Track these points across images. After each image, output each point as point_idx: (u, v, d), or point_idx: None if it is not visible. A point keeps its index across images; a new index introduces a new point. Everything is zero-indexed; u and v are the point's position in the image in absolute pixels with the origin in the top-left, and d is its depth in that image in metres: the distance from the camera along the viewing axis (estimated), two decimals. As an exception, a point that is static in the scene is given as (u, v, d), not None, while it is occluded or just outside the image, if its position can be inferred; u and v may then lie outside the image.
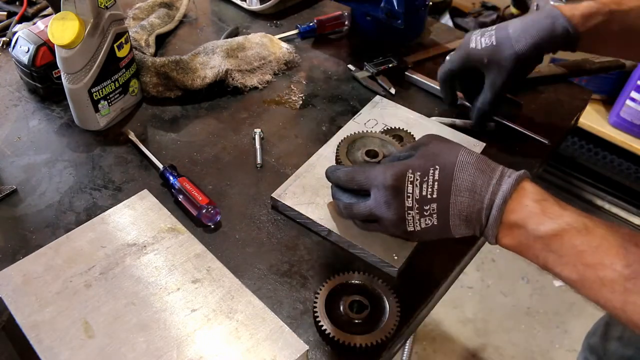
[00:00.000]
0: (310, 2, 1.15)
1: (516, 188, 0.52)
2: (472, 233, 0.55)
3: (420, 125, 0.80)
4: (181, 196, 0.69)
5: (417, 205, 0.54)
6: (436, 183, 0.53)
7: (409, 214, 0.54)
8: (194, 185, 0.70)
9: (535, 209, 0.51)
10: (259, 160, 0.77)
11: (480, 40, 0.73)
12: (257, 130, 0.81)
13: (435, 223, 0.54)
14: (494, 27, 0.74)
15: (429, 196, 0.54)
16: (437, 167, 0.54)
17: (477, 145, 0.78)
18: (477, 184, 0.53)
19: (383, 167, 0.57)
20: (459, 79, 0.80)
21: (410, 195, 0.54)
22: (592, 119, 1.73)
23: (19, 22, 1.02)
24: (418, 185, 0.54)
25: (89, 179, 0.74)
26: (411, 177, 0.54)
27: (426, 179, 0.54)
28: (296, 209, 0.68)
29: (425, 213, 0.54)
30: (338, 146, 0.69)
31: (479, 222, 0.53)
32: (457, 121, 0.83)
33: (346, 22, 1.06)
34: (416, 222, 0.55)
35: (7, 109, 0.85)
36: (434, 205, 0.53)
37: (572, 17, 0.68)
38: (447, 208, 0.53)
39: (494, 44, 0.72)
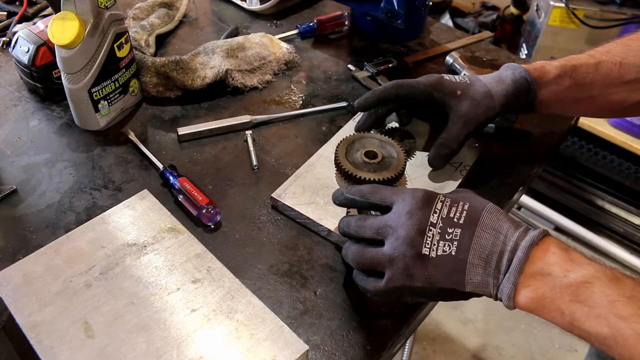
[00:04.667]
0: (310, 2, 1.15)
1: (541, 238, 0.50)
2: (484, 289, 0.50)
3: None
4: (181, 196, 0.69)
5: (441, 224, 0.51)
6: (465, 212, 0.52)
7: (431, 230, 0.51)
8: (194, 185, 0.70)
9: (562, 256, 0.48)
10: (254, 162, 0.77)
11: (453, 76, 0.72)
12: (249, 132, 0.81)
13: (453, 253, 0.50)
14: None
15: (455, 219, 0.51)
16: (467, 203, 0.52)
17: (476, 145, 0.77)
18: (503, 227, 0.50)
19: (412, 188, 0.55)
20: (399, 103, 0.74)
21: (438, 212, 0.52)
22: (592, 119, 1.72)
23: (19, 22, 1.02)
24: (447, 206, 0.52)
25: (89, 179, 0.74)
26: (442, 198, 0.53)
27: (456, 205, 0.52)
28: (296, 209, 0.68)
29: (446, 236, 0.50)
30: (337, 147, 0.69)
31: (498, 268, 0.50)
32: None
33: (346, 22, 1.06)
34: (434, 244, 0.51)
35: (7, 109, 0.85)
36: (458, 231, 0.51)
37: (528, 69, 0.69)
38: (470, 240, 0.50)
39: (468, 82, 0.70)
